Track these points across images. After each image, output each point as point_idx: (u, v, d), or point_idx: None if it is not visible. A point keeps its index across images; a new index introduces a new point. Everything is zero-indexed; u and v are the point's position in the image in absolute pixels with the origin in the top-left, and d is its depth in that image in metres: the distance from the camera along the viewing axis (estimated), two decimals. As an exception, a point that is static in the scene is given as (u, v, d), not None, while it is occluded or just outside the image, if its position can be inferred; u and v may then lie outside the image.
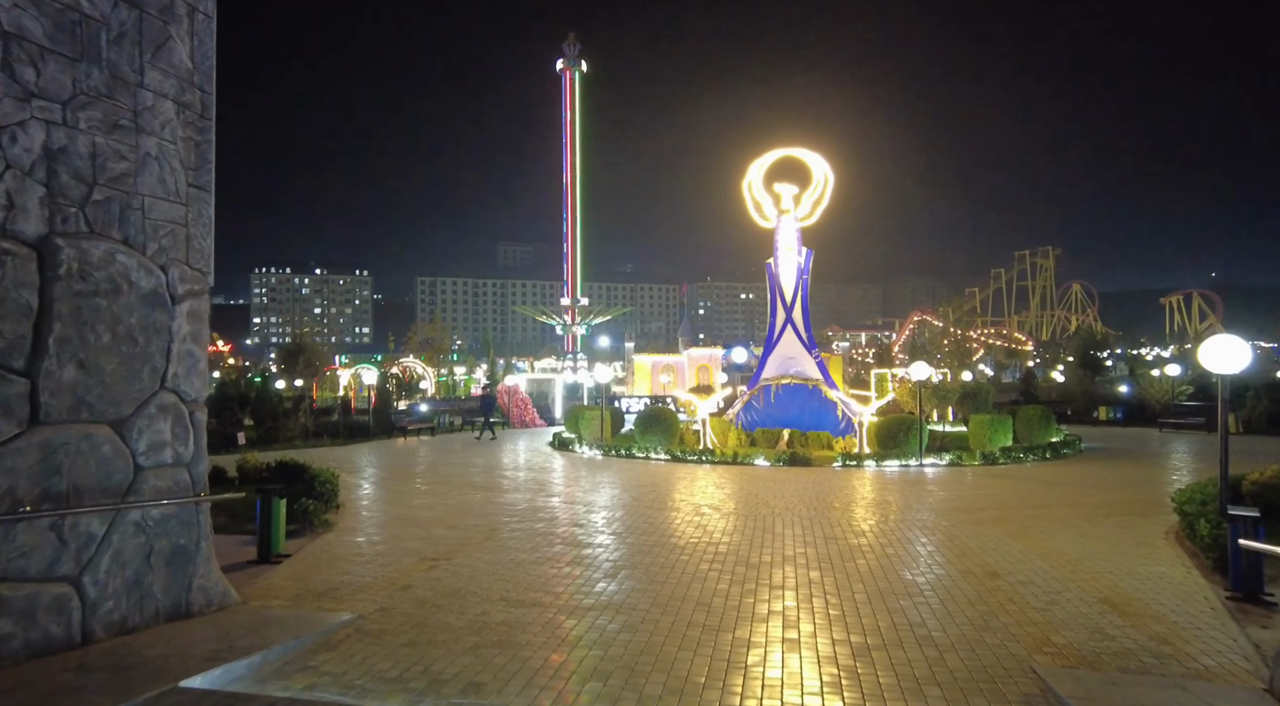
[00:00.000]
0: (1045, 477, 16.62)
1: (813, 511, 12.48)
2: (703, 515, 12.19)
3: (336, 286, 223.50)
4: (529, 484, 16.10)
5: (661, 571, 8.59)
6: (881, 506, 13.04)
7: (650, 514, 12.34)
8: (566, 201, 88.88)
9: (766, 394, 24.06)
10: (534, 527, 11.10)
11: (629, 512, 12.49)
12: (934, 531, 10.82)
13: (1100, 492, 14.35)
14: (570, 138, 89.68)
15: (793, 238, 24.41)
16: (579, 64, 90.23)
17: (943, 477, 16.89)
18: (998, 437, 20.81)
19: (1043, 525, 11.17)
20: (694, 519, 11.87)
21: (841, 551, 9.55)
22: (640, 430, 21.96)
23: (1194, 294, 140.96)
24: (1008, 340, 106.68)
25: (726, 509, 12.77)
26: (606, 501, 13.62)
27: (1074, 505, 12.94)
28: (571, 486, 15.70)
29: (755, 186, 24.73)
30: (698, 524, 11.45)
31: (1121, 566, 8.70)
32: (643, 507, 13.00)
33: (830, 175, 24.22)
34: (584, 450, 22.73)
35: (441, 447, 25.24)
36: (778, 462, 19.30)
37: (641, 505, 13.25)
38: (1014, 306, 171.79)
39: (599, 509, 12.86)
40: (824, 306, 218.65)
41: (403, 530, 11.00)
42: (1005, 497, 13.87)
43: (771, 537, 10.40)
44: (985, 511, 12.43)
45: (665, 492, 14.73)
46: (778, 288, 24.67)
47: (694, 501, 13.60)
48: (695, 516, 12.07)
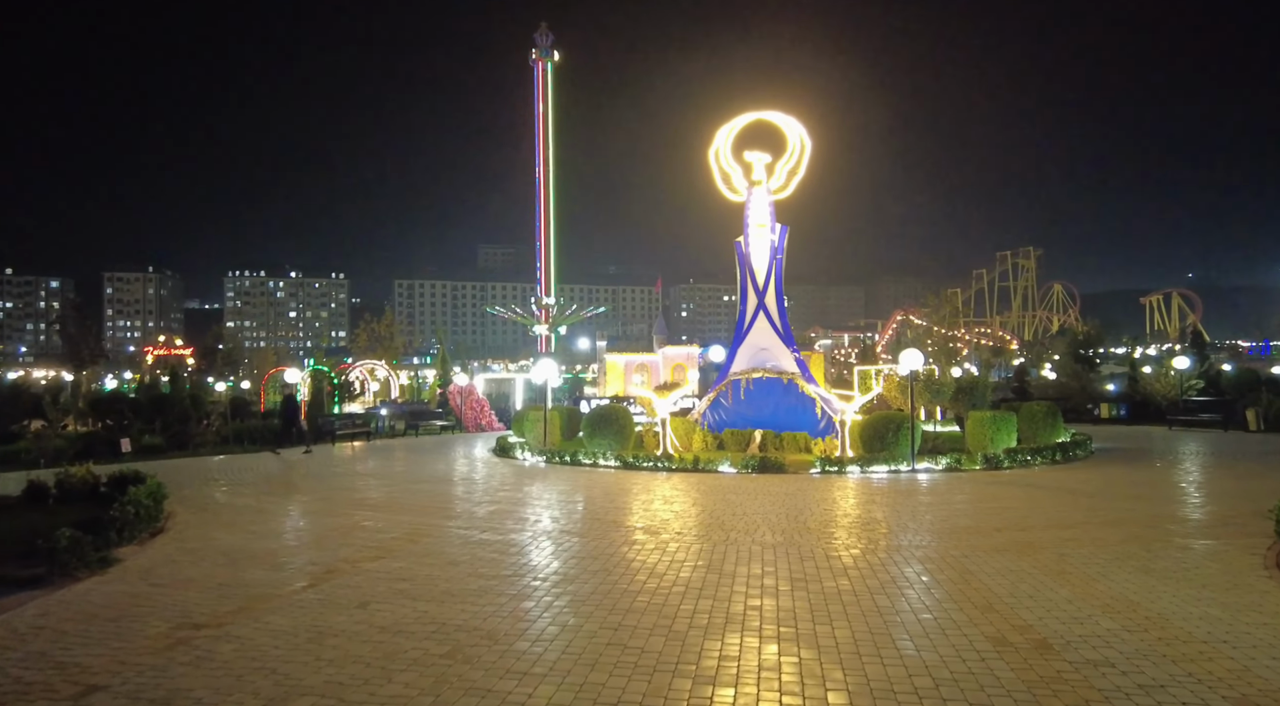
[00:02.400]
0: (1063, 485, 13.79)
1: (781, 536, 9.53)
2: (633, 546, 9.18)
3: (312, 290, 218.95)
4: (434, 501, 13.03)
5: (537, 644, 5.60)
6: (869, 527, 10.12)
7: (562, 546, 9.33)
8: (540, 197, 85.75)
9: (735, 390, 21.11)
10: (390, 568, 8.05)
11: (534, 544, 9.47)
12: (941, 566, 7.90)
13: (1140, 504, 11.52)
14: (543, 131, 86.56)
15: (765, 212, 21.52)
16: (552, 55, 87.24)
17: (940, 486, 14.03)
18: (1000, 438, 18.00)
19: (1085, 554, 8.28)
20: (618, 552, 8.86)
21: (814, 604, 6.59)
22: (589, 433, 18.94)
23: (1174, 294, 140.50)
24: (993, 339, 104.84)
25: (667, 533, 9.79)
26: (514, 525, 10.58)
27: (1114, 522, 10.09)
28: (483, 504, 12.66)
29: (723, 155, 21.82)
30: (618, 561, 8.45)
31: (1235, 627, 5.81)
32: (559, 535, 9.99)
33: (807, 141, 21.36)
34: (526, 457, 19.68)
35: (364, 455, 22.08)
36: (745, 469, 16.36)
37: (559, 532, 10.24)
38: (996, 307, 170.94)
39: (498, 538, 9.82)
40: (807, 308, 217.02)
41: (205, 570, 7.91)
42: (1023, 512, 11.00)
43: (718, 581, 7.42)
44: (1003, 533, 9.54)
45: (598, 511, 11.72)
46: (748, 269, 21.76)
47: (630, 523, 10.60)
48: (621, 548, 9.07)
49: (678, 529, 10.04)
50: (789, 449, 20.24)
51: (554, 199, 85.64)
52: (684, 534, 9.70)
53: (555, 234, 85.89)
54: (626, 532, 9.83)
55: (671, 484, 14.64)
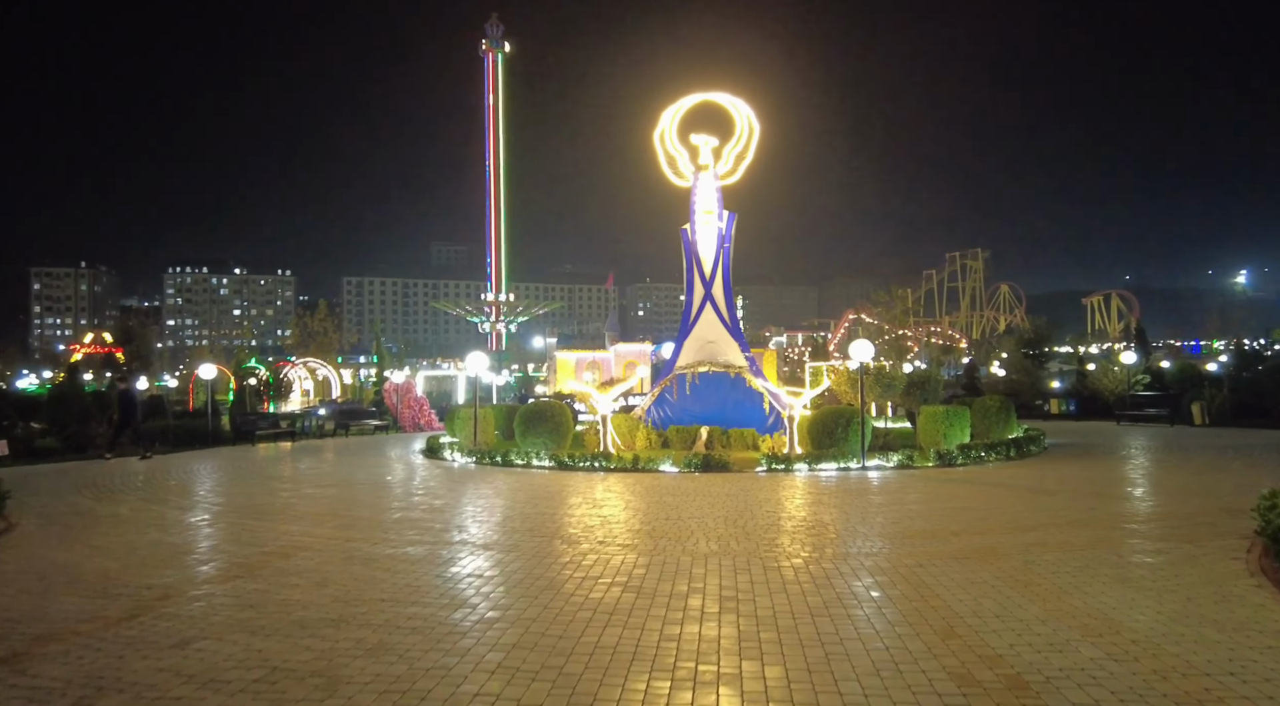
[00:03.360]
0: (1020, 482, 13.03)
1: (717, 544, 8.42)
2: (543, 560, 7.97)
3: (257, 287, 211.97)
4: (333, 508, 11.60)
5: (382, 697, 4.35)
6: (815, 532, 9.08)
7: (461, 561, 8.07)
8: (490, 191, 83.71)
9: (681, 385, 20.04)
10: (243, 592, 6.68)
11: (429, 559, 8.18)
12: (894, 578, 6.87)
13: (1102, 502, 10.74)
14: (493, 123, 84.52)
15: (712, 198, 20.49)
16: (503, 45, 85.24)
17: (892, 485, 13.13)
18: (953, 433, 17.27)
19: (1052, 561, 7.36)
20: (524, 568, 7.64)
21: (744, 632, 5.46)
22: (521, 431, 17.63)
23: (1113, 295, 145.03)
24: (943, 338, 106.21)
25: (588, 543, 8.59)
26: (415, 536, 9.26)
27: (1079, 523, 9.24)
28: (390, 511, 11.29)
29: (668, 137, 20.72)
30: (520, 579, 7.23)
31: (1237, 653, 4.87)
32: (463, 547, 8.72)
33: (755, 124, 20.40)
34: (455, 458, 18.28)
35: (281, 457, 20.39)
36: (688, 468, 15.27)
37: (463, 543, 8.97)
38: (945, 307, 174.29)
39: (391, 552, 8.50)
40: (762, 307, 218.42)
41: (5, 598, 6.42)
42: (981, 513, 10.10)
43: (634, 602, 6.26)
44: (961, 537, 8.59)
45: (517, 518, 10.47)
46: (695, 258, 20.71)
47: (549, 531, 9.38)
48: (530, 563, 7.84)
49: (601, 537, 8.84)
50: (736, 446, 19.26)
51: (505, 193, 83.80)
52: (607, 543, 8.51)
53: (506, 229, 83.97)
54: (541, 543, 8.61)
55: (607, 485, 13.45)
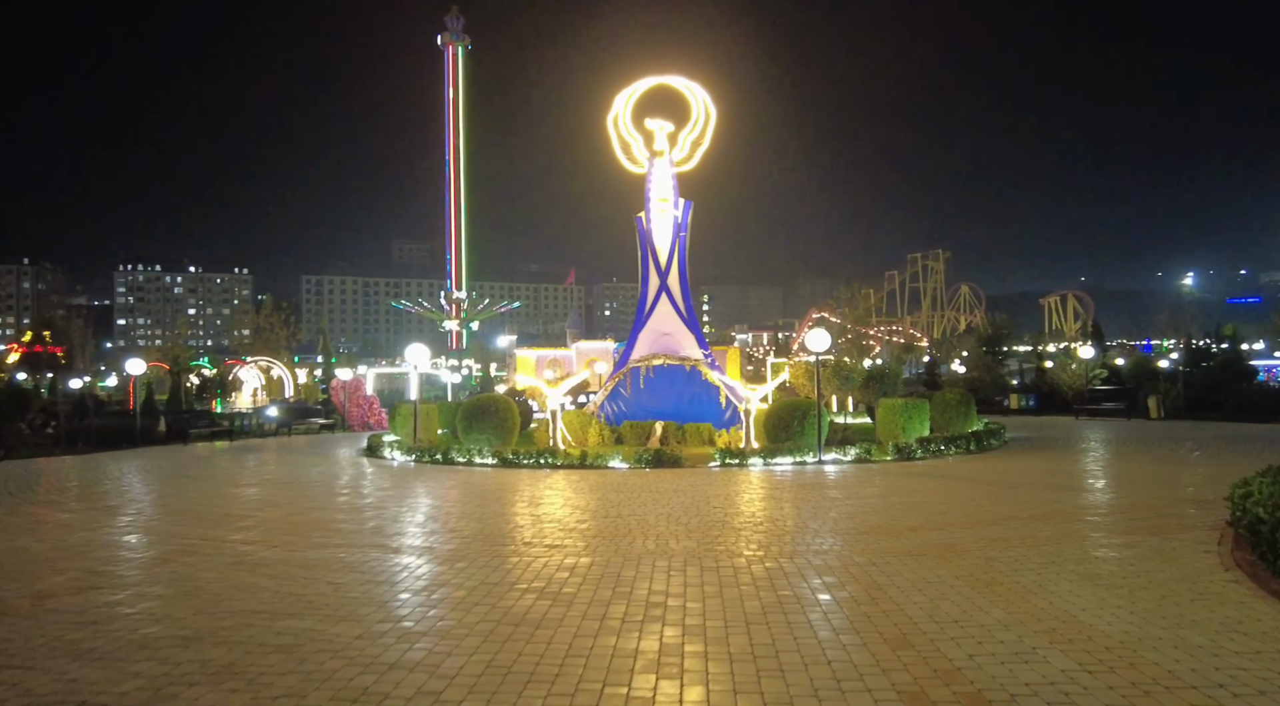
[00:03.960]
0: (980, 475, 12.54)
1: (655, 544, 7.68)
2: (454, 565, 7.14)
3: (213, 285, 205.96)
4: (240, 509, 10.60)
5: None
6: (763, 529, 8.39)
7: (362, 568, 7.21)
8: (450, 187, 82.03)
9: (635, 378, 19.29)
10: (91, 605, 5.73)
11: (326, 564, 7.30)
12: (845, 578, 6.20)
13: (1065, 495, 10.26)
14: (454, 118, 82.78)
15: (668, 186, 19.78)
16: (463, 39, 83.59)
17: (849, 479, 12.55)
18: (913, 427, 16.82)
19: (1015, 558, 6.76)
20: (428, 576, 6.81)
21: (667, 646, 4.72)
22: (464, 427, 16.72)
23: (1069, 295, 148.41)
24: (904, 336, 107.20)
25: (513, 545, 7.78)
26: (321, 539, 8.37)
27: (1042, 517, 8.70)
28: (305, 512, 10.35)
29: (622, 121, 19.97)
30: (419, 589, 6.41)
31: (1223, 658, 4.26)
32: (369, 551, 7.85)
33: (712, 109, 19.75)
34: (394, 456, 17.30)
35: (210, 457, 19.19)
36: (639, 464, 14.54)
37: (371, 547, 8.10)
38: (907, 306, 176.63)
39: (285, 556, 7.60)
40: (728, 306, 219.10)
41: None
42: (939, 507, 9.53)
43: (546, 611, 5.48)
44: (919, 533, 7.98)
45: (440, 520, 9.62)
46: (650, 248, 19.98)
47: (471, 533, 8.55)
48: (437, 570, 7.01)
49: (528, 538, 8.05)
50: (692, 441, 18.59)
51: (465, 189, 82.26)
52: (533, 544, 7.72)
53: (467, 226, 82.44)
54: (459, 546, 7.78)
55: (550, 483, 12.65)
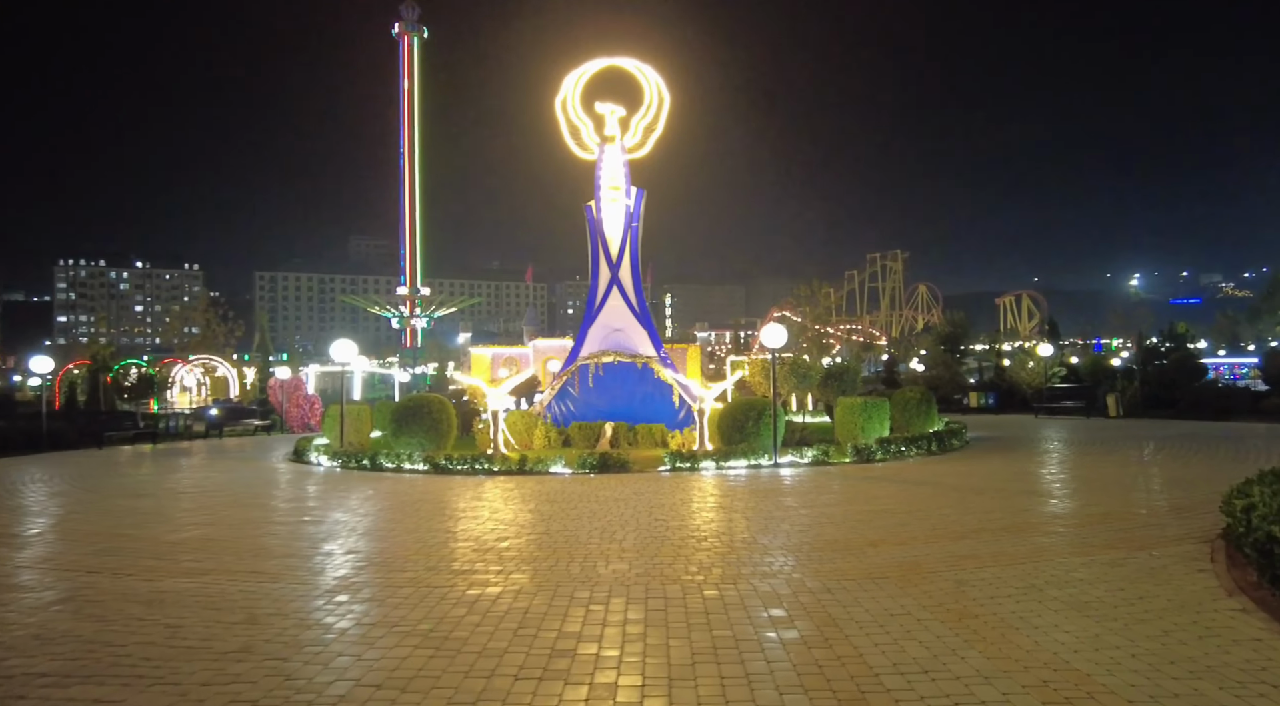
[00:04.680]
0: (944, 479, 11.77)
1: (583, 567, 6.65)
2: (328, 600, 6.02)
3: (161, 281, 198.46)
4: (120, 524, 9.27)
5: None
6: (711, 547, 7.42)
7: (214, 603, 6.04)
8: (404, 180, 79.66)
9: (584, 377, 18.24)
10: None
11: (161, 597, 6.11)
12: (794, 610, 5.24)
13: (1035, 502, 9.49)
14: (408, 110, 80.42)
15: (619, 173, 18.75)
16: (419, 29, 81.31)
17: (805, 484, 11.68)
18: (872, 426, 16.08)
19: (989, 580, 5.89)
20: (285, 612, 5.67)
21: None
22: (394, 430, 15.48)
23: (1023, 295, 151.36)
24: (863, 335, 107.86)
25: (412, 569, 6.68)
26: (190, 564, 7.14)
27: (1013, 529, 7.89)
28: (187, 528, 9.08)
29: (571, 104, 18.89)
30: (287, 616, 5.27)
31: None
32: (234, 579, 6.67)
33: (665, 94, 18.78)
34: (321, 461, 15.98)
35: (120, 462, 17.60)
36: (583, 469, 13.48)
37: (244, 573, 6.91)
38: (866, 306, 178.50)
39: (124, 584, 6.38)
40: (691, 306, 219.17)
41: None
42: (902, 517, 8.67)
43: (425, 663, 4.40)
44: (880, 549, 7.08)
45: (339, 536, 8.45)
46: (600, 239, 18.93)
47: (367, 550, 7.41)
48: (297, 605, 5.88)
49: (433, 563, 6.94)
50: (644, 442, 17.61)
51: (420, 183, 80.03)
52: (437, 572, 6.62)
53: (422, 220, 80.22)
54: (351, 573, 6.65)
55: (482, 492, 11.53)
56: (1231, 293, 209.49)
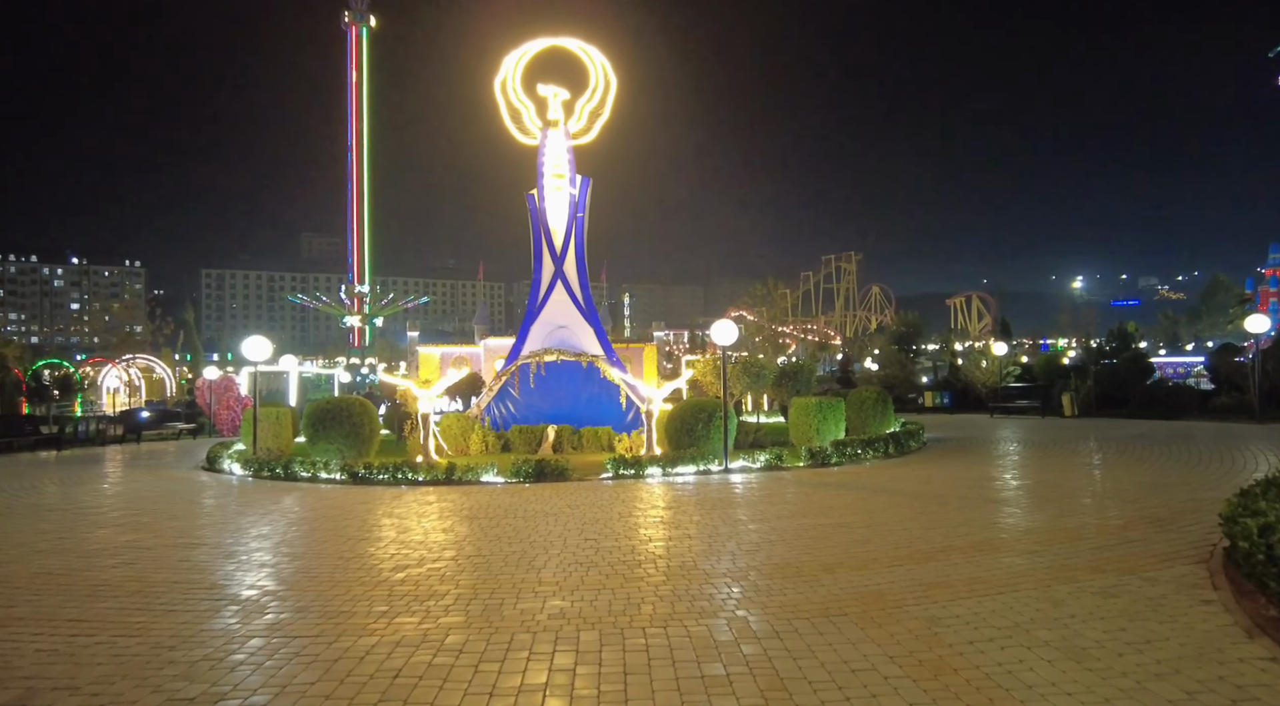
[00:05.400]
0: (903, 486, 10.96)
1: (486, 605, 5.56)
2: (165, 654, 4.81)
3: (100, 279, 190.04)
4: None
5: None
6: (642, 576, 6.39)
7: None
8: (353, 174, 77.05)
9: (525, 377, 17.09)
10: None
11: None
12: (735, 666, 4.23)
13: (1004, 513, 8.69)
14: (356, 102, 77.80)
15: (563, 159, 17.64)
16: (366, 19, 78.71)
17: (756, 492, 10.75)
18: (827, 428, 15.27)
19: (966, 617, 4.97)
20: (122, 662, 4.46)
21: None
22: (310, 436, 14.11)
23: (974, 296, 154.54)
24: (818, 335, 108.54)
25: (284, 609, 5.50)
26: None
27: (985, 547, 7.03)
28: (21, 563, 7.72)
29: (512, 86, 17.71)
30: (109, 664, 4.06)
31: None
32: (43, 624, 5.41)
33: (612, 77, 17.73)
34: (234, 470, 14.52)
35: (2, 470, 15.85)
36: (516, 477, 12.34)
37: (62, 621, 5.65)
38: (821, 306, 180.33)
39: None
40: (650, 305, 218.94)
41: None
42: (861, 533, 7.76)
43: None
44: (837, 574, 6.13)
45: (207, 564, 7.19)
46: (543, 230, 17.80)
47: (234, 589, 6.20)
48: (136, 649, 4.67)
49: (300, 605, 5.76)
50: (589, 447, 16.55)
51: (369, 178, 77.59)
52: (307, 612, 5.45)
53: (371, 216, 77.73)
54: (193, 620, 5.44)
55: (398, 506, 10.32)
56: (1167, 295, 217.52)
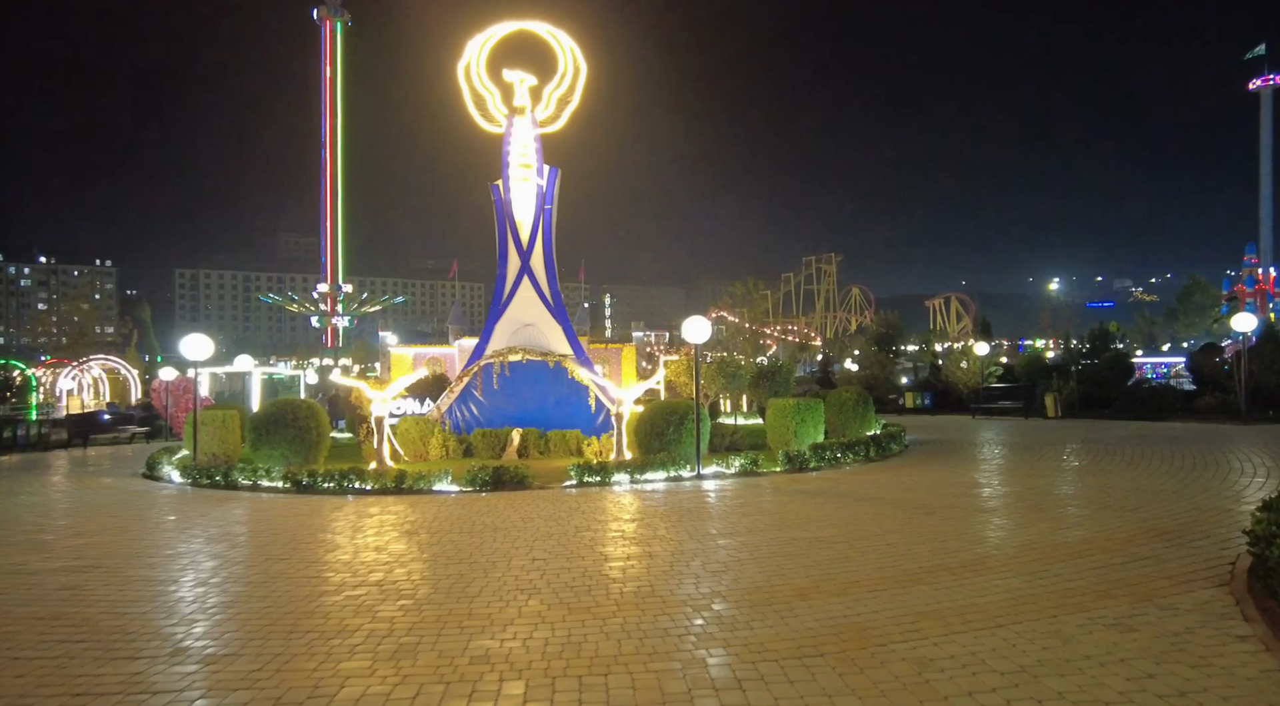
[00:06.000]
0: (885, 493, 10.25)
1: (398, 646, 4.73)
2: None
3: (69, 278, 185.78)
4: None
5: None
6: (596, 604, 5.58)
7: None
8: (326, 172, 75.48)
9: (488, 377, 16.22)
10: None
11: None
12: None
13: (995, 525, 7.98)
14: (330, 98, 76.31)
15: (530, 148, 16.80)
16: (341, 14, 77.20)
17: (730, 500, 9.99)
18: (805, 431, 14.57)
19: (963, 660, 4.23)
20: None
21: None
22: (254, 441, 13.17)
23: (952, 297, 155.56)
24: (798, 335, 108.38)
25: (156, 652, 4.65)
26: None
27: (977, 566, 6.30)
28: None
29: (476, 71, 16.84)
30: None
31: None
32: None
33: (581, 62, 16.92)
34: (173, 477, 13.54)
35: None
36: (473, 486, 11.49)
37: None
38: (802, 307, 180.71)
39: None
40: (631, 306, 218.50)
41: None
42: (841, 550, 7.02)
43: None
44: (813, 602, 5.37)
45: (86, 604, 6.30)
46: (509, 222, 16.94)
47: (119, 612, 5.31)
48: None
49: (175, 647, 4.90)
50: (557, 451, 15.72)
51: (342, 175, 76.08)
52: (184, 656, 4.59)
53: (344, 214, 76.20)
54: (18, 667, 4.56)
55: (337, 519, 9.44)
56: (1141, 296, 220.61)
